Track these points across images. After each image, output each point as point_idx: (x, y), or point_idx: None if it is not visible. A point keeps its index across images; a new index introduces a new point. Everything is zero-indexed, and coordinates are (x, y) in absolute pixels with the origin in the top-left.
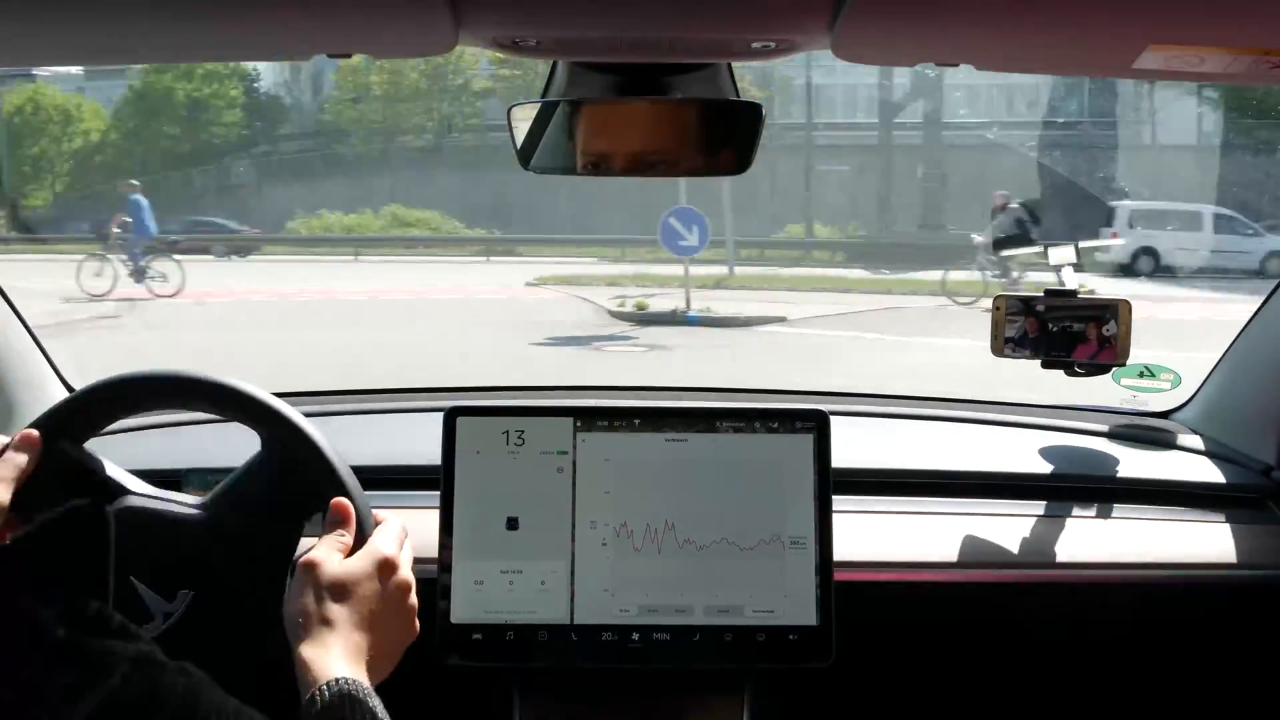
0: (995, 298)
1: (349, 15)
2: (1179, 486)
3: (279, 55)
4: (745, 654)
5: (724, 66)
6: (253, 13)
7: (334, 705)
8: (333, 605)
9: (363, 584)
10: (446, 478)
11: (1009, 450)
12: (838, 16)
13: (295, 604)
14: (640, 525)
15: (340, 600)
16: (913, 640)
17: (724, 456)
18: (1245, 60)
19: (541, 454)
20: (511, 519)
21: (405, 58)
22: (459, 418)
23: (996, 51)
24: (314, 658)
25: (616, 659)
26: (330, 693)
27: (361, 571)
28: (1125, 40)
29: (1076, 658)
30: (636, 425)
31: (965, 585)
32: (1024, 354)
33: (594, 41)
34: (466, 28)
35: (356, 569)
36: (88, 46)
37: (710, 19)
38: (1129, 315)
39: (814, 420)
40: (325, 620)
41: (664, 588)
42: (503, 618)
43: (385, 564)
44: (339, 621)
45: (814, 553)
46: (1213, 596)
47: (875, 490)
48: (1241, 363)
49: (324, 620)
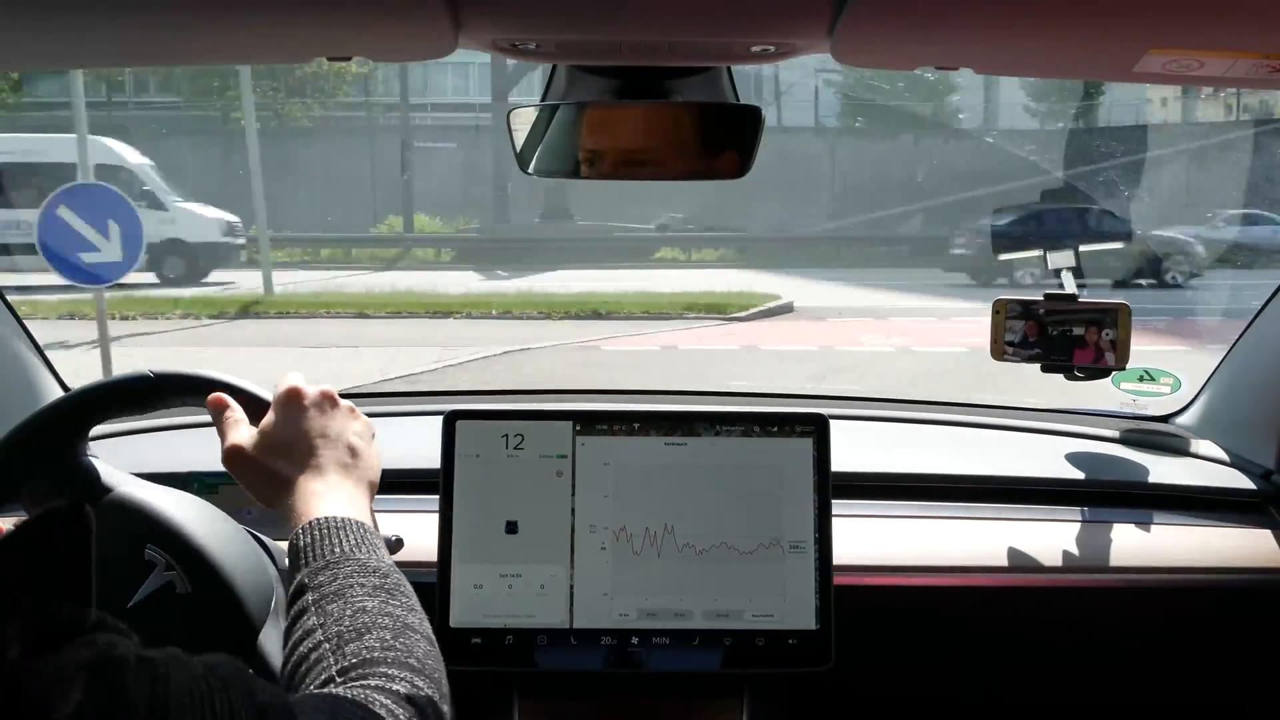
0: (995, 301)
1: (349, 18)
2: (1179, 491)
3: (278, 58)
4: (744, 658)
5: (723, 70)
6: (252, 16)
7: (307, 547)
8: (277, 464)
9: (285, 429)
10: (446, 481)
11: (1008, 454)
12: (837, 19)
13: (257, 494)
14: (640, 529)
15: (279, 455)
16: (912, 644)
17: (724, 460)
18: (1245, 64)
19: (541, 457)
20: (511, 523)
21: (405, 61)
22: (458, 421)
23: (996, 55)
24: (292, 515)
25: (616, 663)
26: (304, 535)
27: (277, 419)
28: (1125, 45)
29: (1076, 662)
30: (636, 429)
31: (965, 589)
32: (1024, 358)
33: (593, 45)
34: (466, 31)
35: (269, 422)
36: (84, 50)
37: (710, 23)
38: (1129, 319)
39: (814, 424)
40: (281, 483)
41: (663, 591)
42: (502, 621)
43: (289, 395)
44: (290, 473)
45: (813, 557)
46: (1214, 600)
47: (875, 494)
48: (1241, 367)
49: (280, 484)
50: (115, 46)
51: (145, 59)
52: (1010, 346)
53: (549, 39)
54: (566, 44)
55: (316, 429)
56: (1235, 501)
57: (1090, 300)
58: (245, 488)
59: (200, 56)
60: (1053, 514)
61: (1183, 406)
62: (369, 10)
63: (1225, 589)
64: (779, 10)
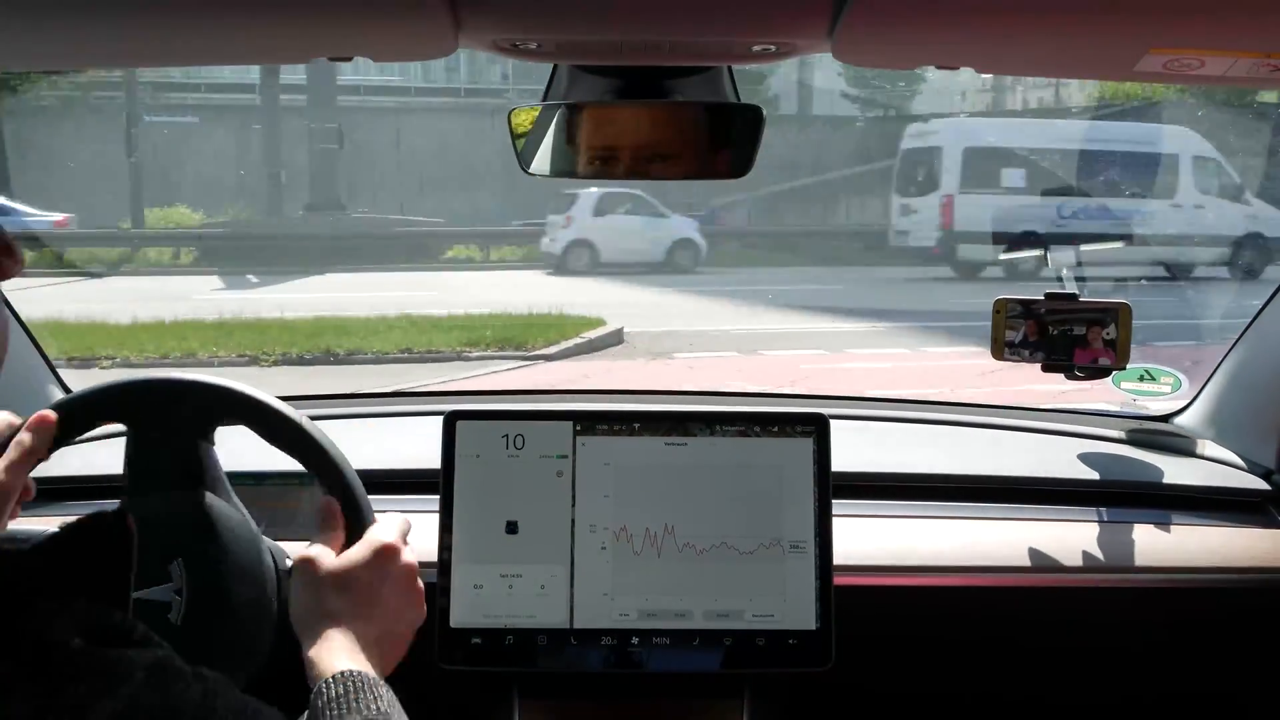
0: (996, 300)
1: (349, 19)
2: (1179, 490)
3: (278, 58)
4: (745, 658)
5: (724, 69)
6: (253, 16)
7: (339, 698)
8: (333, 599)
9: (361, 574)
10: (446, 481)
11: (1009, 454)
12: (837, 19)
13: (298, 605)
14: (640, 529)
15: (341, 593)
16: (913, 644)
17: (724, 460)
18: (1246, 63)
19: (541, 458)
20: (511, 523)
21: (405, 61)
22: (459, 421)
23: (997, 54)
24: (319, 654)
25: (616, 664)
26: (335, 686)
27: (360, 561)
28: (1126, 44)
29: (1077, 662)
30: (636, 429)
31: (965, 589)
32: (1024, 357)
33: (594, 45)
34: (466, 31)
35: (354, 558)
36: (84, 50)
37: (710, 22)
38: (1130, 319)
39: (814, 424)
40: (327, 615)
41: (663, 592)
42: (502, 622)
43: (384, 550)
44: (341, 614)
45: (814, 556)
46: (1213, 600)
47: (875, 494)
48: (1242, 366)
49: (326, 615)
50: (115, 47)
51: (145, 59)
52: (1010, 346)
53: (549, 39)
54: (567, 44)
55: (388, 591)
56: (1236, 501)
57: (1091, 300)
58: (292, 595)
59: (200, 57)
60: (1054, 514)
61: (1183, 406)
62: (369, 11)
63: (1226, 588)
64: (779, 10)
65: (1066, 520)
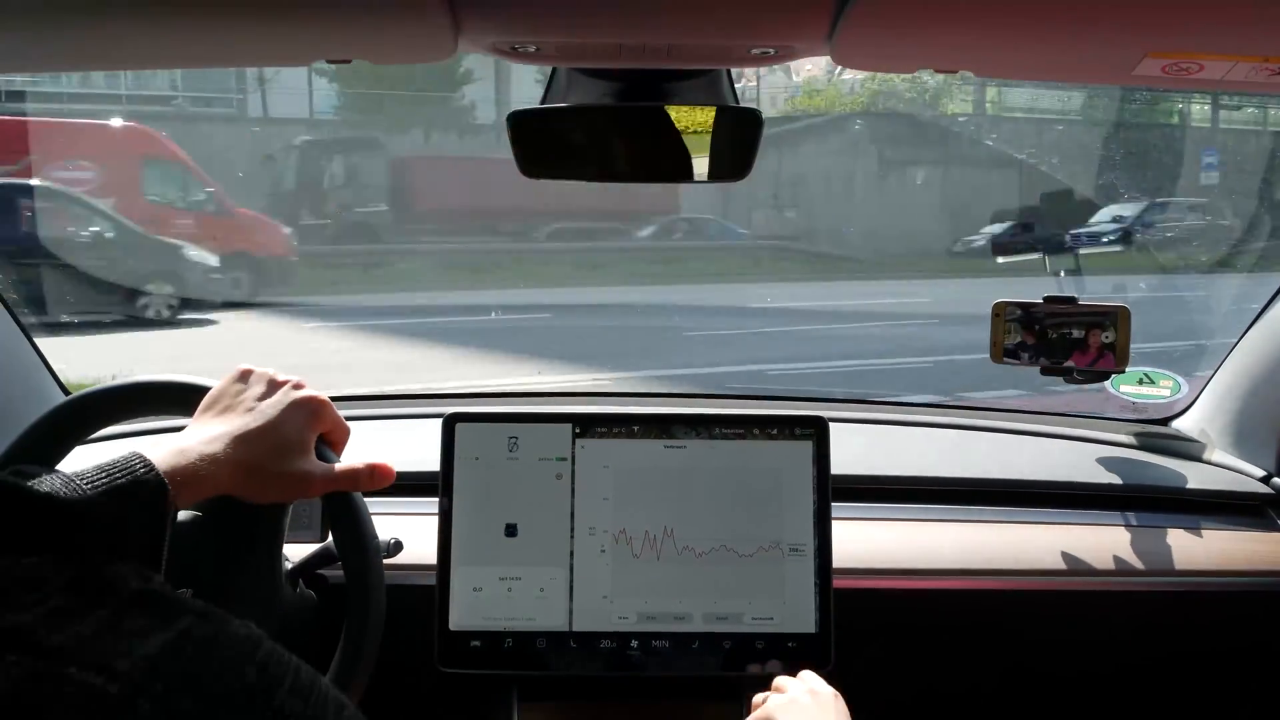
0: (995, 304)
1: (349, 21)
2: (1179, 493)
3: (278, 61)
4: (744, 661)
5: (723, 73)
6: (253, 18)
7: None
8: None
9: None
10: (445, 484)
11: (1008, 457)
12: (836, 23)
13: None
14: (639, 532)
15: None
16: (912, 648)
17: (723, 463)
18: (1244, 67)
19: (540, 460)
20: (510, 525)
21: (405, 63)
22: (458, 424)
23: (995, 59)
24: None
25: (615, 666)
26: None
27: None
28: (1124, 48)
29: (1077, 665)
30: (635, 431)
31: (965, 592)
32: (1023, 361)
33: (593, 48)
34: (466, 34)
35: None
36: (85, 52)
37: (710, 26)
38: (1128, 322)
39: (813, 426)
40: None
41: (663, 595)
42: (501, 625)
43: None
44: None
45: (813, 559)
46: (1213, 603)
47: (874, 497)
48: (1241, 370)
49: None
50: (115, 49)
51: (145, 61)
52: (1009, 349)
53: (549, 42)
54: (567, 47)
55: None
56: (1236, 504)
57: (1090, 303)
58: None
59: (200, 59)
60: (1054, 517)
61: (1182, 409)
62: (369, 13)
63: (1226, 591)
64: (778, 13)
65: (1066, 524)
